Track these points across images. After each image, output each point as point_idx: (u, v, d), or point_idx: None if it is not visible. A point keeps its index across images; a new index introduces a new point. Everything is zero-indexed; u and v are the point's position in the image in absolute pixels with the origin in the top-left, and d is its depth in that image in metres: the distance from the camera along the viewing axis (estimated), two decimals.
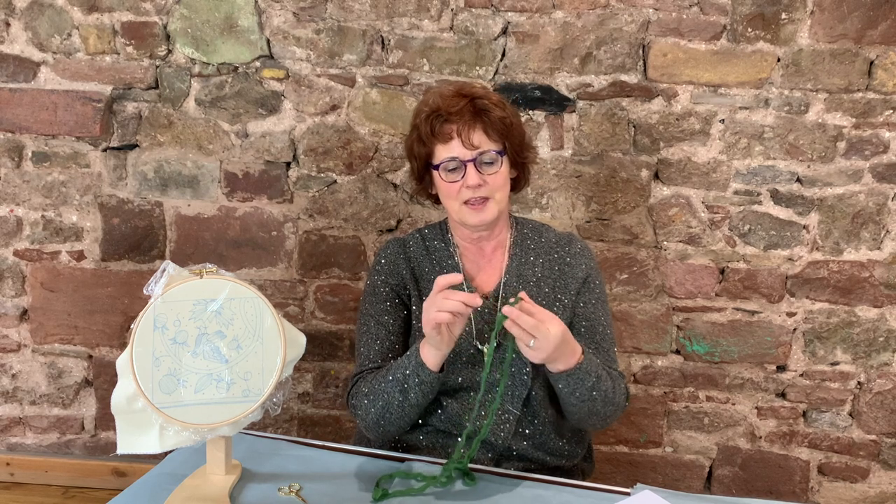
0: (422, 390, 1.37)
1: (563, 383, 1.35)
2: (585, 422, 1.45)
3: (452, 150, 1.42)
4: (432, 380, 1.36)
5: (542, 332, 1.24)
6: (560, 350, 1.28)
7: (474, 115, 1.43)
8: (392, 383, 1.38)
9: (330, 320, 2.23)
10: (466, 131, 1.42)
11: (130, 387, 1.18)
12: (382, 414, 1.40)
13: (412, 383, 1.36)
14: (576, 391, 1.35)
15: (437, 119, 1.43)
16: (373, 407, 1.41)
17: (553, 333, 1.24)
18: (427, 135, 1.44)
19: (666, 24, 2.02)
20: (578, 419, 1.44)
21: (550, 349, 1.25)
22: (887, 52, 1.99)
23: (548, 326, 1.24)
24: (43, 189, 2.21)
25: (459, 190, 1.43)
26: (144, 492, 1.27)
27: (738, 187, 2.09)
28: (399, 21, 2.05)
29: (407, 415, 1.40)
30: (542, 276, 1.52)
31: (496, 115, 1.44)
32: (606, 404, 1.40)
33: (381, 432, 1.45)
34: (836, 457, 2.21)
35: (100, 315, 2.27)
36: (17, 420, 2.35)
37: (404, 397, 1.37)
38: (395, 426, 1.43)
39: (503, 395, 1.42)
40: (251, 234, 2.20)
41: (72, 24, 2.11)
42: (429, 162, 1.47)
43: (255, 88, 2.12)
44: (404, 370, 1.37)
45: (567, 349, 1.30)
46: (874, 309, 2.13)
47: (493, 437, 1.43)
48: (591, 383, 1.35)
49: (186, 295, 1.20)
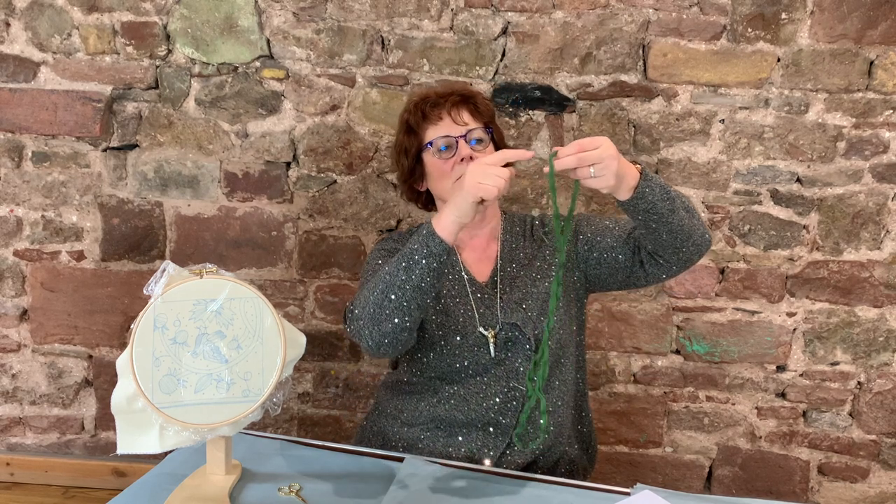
0: (428, 265, 1.29)
1: (643, 202, 1.29)
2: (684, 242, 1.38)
3: (443, 129, 1.51)
4: (441, 251, 1.28)
5: (594, 154, 1.21)
6: (622, 161, 1.24)
7: (461, 99, 1.54)
8: (395, 264, 1.32)
9: (330, 320, 2.23)
10: (456, 110, 1.52)
11: (130, 387, 1.18)
12: (381, 301, 1.31)
13: (419, 256, 1.29)
14: (657, 202, 1.30)
15: (426, 103, 1.53)
16: (371, 295, 1.33)
17: (604, 143, 1.22)
18: (418, 121, 1.53)
19: (666, 24, 2.02)
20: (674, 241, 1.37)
21: (614, 163, 1.21)
22: (887, 52, 1.99)
23: (594, 143, 1.22)
24: (43, 189, 2.21)
25: (452, 167, 1.48)
26: (144, 492, 1.27)
27: (738, 187, 2.09)
28: (399, 21, 2.05)
29: (410, 302, 1.30)
30: (531, 254, 1.56)
31: (481, 100, 1.56)
32: (692, 216, 1.37)
33: (380, 332, 1.33)
34: (836, 457, 2.21)
35: (100, 315, 2.27)
36: (17, 420, 2.35)
37: (407, 275, 1.29)
38: (395, 318, 1.32)
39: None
40: (251, 234, 2.20)
41: (72, 24, 2.11)
42: (419, 150, 1.54)
43: (255, 88, 2.12)
44: (411, 245, 1.31)
45: (623, 160, 1.26)
46: (874, 309, 2.13)
47: (500, 417, 1.44)
48: (662, 186, 1.31)
49: (186, 295, 1.20)
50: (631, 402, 2.22)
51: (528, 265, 1.55)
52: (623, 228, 1.50)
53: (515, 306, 1.48)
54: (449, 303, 1.50)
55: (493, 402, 1.45)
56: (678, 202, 1.34)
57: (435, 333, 1.47)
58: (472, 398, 1.46)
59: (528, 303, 1.49)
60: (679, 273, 1.46)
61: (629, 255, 1.47)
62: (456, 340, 1.46)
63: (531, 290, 1.51)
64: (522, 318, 1.47)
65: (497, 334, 1.46)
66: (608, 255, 1.51)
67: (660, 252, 1.41)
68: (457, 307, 1.49)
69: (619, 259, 1.49)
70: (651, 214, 1.32)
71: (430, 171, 1.53)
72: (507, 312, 1.48)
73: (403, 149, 1.57)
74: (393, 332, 1.33)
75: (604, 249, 1.51)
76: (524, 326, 1.46)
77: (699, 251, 1.41)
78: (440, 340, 1.47)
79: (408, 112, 1.57)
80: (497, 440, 1.45)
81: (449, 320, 1.47)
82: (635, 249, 1.47)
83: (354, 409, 2.28)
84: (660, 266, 1.44)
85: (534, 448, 1.44)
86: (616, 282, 1.54)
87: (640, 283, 1.51)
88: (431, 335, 1.47)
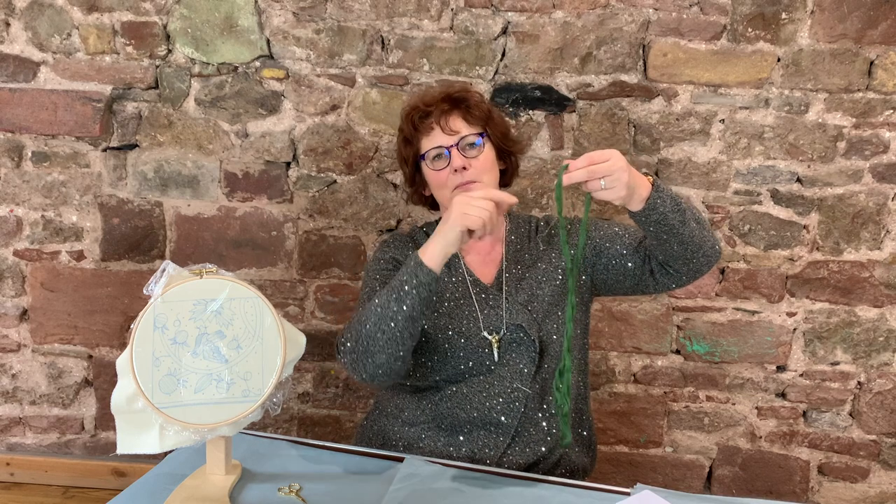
0: (419, 294, 1.31)
1: (654, 213, 1.31)
2: (694, 253, 1.39)
3: (435, 140, 1.50)
4: (430, 280, 1.31)
5: (604, 167, 1.22)
6: (632, 172, 1.26)
7: (452, 104, 1.52)
8: (384, 295, 1.34)
9: (330, 320, 2.23)
10: (446, 119, 1.50)
11: (130, 387, 1.18)
12: (373, 334, 1.33)
13: (409, 287, 1.31)
14: (668, 214, 1.32)
15: (417, 114, 1.53)
16: (363, 328, 1.34)
17: (614, 155, 1.23)
18: (411, 132, 1.53)
19: (666, 24, 2.02)
20: (685, 253, 1.39)
21: (624, 174, 1.23)
22: (887, 52, 1.99)
23: (605, 156, 1.23)
24: (43, 189, 2.21)
25: (448, 177, 1.49)
26: (144, 492, 1.26)
27: (738, 187, 2.09)
28: (399, 21, 2.05)
29: (402, 332, 1.32)
30: (537, 256, 1.56)
31: (473, 101, 1.54)
32: (702, 227, 1.38)
33: (374, 364, 1.35)
34: (836, 457, 2.21)
35: (100, 315, 2.27)
36: (17, 420, 2.35)
37: (398, 307, 1.31)
38: (389, 349, 1.33)
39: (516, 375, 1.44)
40: (251, 234, 2.20)
41: (72, 23, 2.11)
42: (417, 161, 1.54)
43: (255, 88, 2.12)
44: (399, 277, 1.34)
45: (634, 172, 1.27)
46: (874, 309, 2.13)
47: (503, 417, 1.44)
48: (674, 198, 1.33)
49: (186, 295, 1.20)
50: (631, 402, 2.22)
51: (533, 267, 1.55)
52: (633, 236, 1.51)
53: (521, 308, 1.48)
54: (452, 306, 1.50)
55: (495, 402, 1.45)
56: (689, 214, 1.36)
57: (437, 337, 1.47)
58: (475, 397, 1.46)
59: (534, 304, 1.49)
60: (689, 283, 1.48)
61: (639, 263, 1.48)
62: (459, 343, 1.46)
63: (536, 291, 1.51)
64: (528, 319, 1.47)
65: (501, 336, 1.46)
66: (617, 261, 1.51)
67: (670, 262, 1.42)
68: (460, 310, 1.49)
69: (628, 266, 1.50)
70: (662, 225, 1.33)
71: (428, 179, 1.55)
72: (512, 314, 1.48)
73: (403, 158, 1.59)
74: (387, 362, 1.35)
75: (612, 256, 1.51)
76: (529, 328, 1.46)
77: (709, 262, 1.43)
78: (443, 344, 1.47)
79: (402, 122, 1.58)
80: (498, 440, 1.45)
81: (452, 323, 1.47)
82: (645, 258, 1.47)
83: (354, 409, 2.28)
84: (670, 276, 1.46)
85: (564, 446, 1.41)
86: (623, 288, 1.54)
87: (649, 290, 1.52)
88: (434, 339, 1.47)
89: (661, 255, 1.42)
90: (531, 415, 1.46)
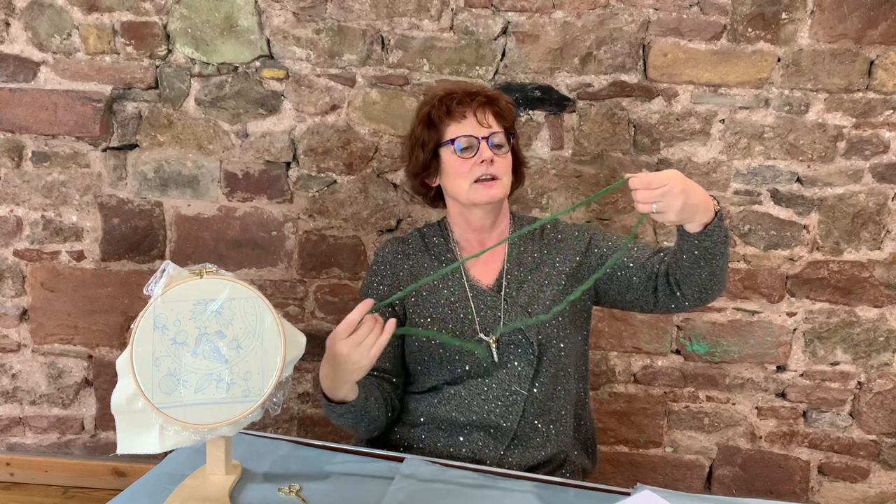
0: (349, 419, 1.39)
1: (707, 240, 1.30)
2: (715, 285, 1.40)
3: (466, 128, 1.48)
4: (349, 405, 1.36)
5: (654, 193, 1.21)
6: (692, 197, 1.23)
7: (488, 100, 1.52)
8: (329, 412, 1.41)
9: (330, 320, 2.23)
10: (482, 111, 1.50)
11: (130, 387, 1.18)
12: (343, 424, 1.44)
13: (335, 417, 1.39)
14: (718, 244, 1.31)
15: (452, 99, 1.51)
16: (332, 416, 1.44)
17: (671, 181, 1.21)
18: (441, 115, 1.50)
19: (666, 23, 2.02)
20: (709, 282, 1.39)
21: (677, 202, 1.22)
22: (887, 52, 1.99)
23: (662, 180, 1.22)
24: (43, 189, 2.21)
25: (471, 168, 1.47)
26: (144, 492, 1.27)
27: (738, 187, 2.09)
28: (399, 21, 2.05)
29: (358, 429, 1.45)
30: (539, 259, 1.55)
31: (505, 104, 1.55)
32: (727, 262, 1.39)
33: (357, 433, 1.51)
34: (836, 457, 2.21)
35: (100, 315, 2.27)
36: (17, 420, 2.35)
37: (345, 422, 1.41)
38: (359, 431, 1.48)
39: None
40: (251, 234, 2.20)
41: (72, 23, 2.11)
42: (437, 146, 1.51)
43: (255, 88, 2.12)
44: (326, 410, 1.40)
45: (697, 196, 1.25)
46: (874, 309, 2.13)
47: (501, 420, 1.44)
48: (726, 229, 1.32)
49: (186, 295, 1.20)
50: (631, 402, 2.22)
51: (536, 270, 1.54)
52: (642, 251, 1.50)
53: (521, 310, 1.48)
54: (447, 310, 1.49)
55: (493, 405, 1.45)
56: (728, 248, 1.36)
57: (432, 341, 1.47)
58: (473, 400, 1.46)
59: (534, 307, 1.48)
60: (688, 310, 1.49)
61: (644, 279, 1.47)
62: (455, 346, 1.45)
63: (538, 294, 1.50)
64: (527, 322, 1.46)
65: (499, 338, 1.46)
66: (622, 273, 1.49)
67: (686, 286, 1.41)
68: (455, 313, 1.49)
69: (632, 280, 1.48)
70: (707, 252, 1.32)
71: (446, 168, 1.51)
72: (510, 316, 1.47)
73: (421, 142, 1.53)
74: (367, 431, 1.47)
75: (619, 267, 1.50)
76: (528, 331, 1.45)
77: (715, 296, 1.44)
78: (439, 348, 1.47)
79: (430, 106, 1.53)
80: (497, 443, 1.45)
81: (446, 327, 1.47)
82: (652, 275, 1.46)
83: None
84: (675, 298, 1.44)
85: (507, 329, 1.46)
86: (623, 301, 1.53)
87: (647, 308, 1.50)
88: (429, 343, 1.47)
89: (683, 277, 1.39)
90: (530, 419, 1.46)
